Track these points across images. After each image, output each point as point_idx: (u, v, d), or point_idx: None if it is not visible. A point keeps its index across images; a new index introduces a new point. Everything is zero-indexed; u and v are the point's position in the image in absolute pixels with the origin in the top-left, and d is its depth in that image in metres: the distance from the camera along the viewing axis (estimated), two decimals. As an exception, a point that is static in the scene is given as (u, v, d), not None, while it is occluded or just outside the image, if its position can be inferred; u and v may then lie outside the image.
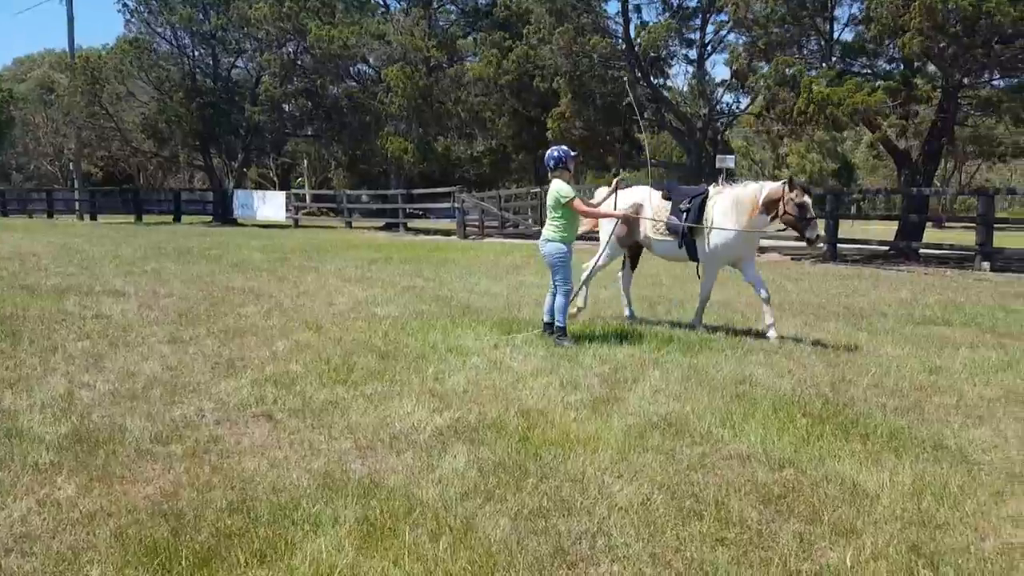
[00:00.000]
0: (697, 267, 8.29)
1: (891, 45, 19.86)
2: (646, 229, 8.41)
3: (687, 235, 8.06)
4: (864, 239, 21.01)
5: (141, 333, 7.48)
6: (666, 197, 8.32)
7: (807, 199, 7.63)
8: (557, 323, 7.39)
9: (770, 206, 7.70)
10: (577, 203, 7.32)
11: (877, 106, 17.57)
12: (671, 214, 8.15)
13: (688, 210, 8.03)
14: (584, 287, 8.57)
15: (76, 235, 22.55)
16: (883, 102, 17.59)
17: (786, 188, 7.62)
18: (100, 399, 5.27)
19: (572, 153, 7.56)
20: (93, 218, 37.01)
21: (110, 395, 5.37)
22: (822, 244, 16.84)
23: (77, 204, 39.22)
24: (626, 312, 8.85)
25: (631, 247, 8.80)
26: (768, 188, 7.79)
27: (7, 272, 11.96)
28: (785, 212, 7.59)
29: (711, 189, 8.19)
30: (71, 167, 47.14)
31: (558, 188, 7.29)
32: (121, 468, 4.09)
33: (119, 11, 33.61)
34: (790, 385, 5.92)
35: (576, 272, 7.94)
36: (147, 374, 5.93)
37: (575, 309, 8.33)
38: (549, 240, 7.45)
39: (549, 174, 7.50)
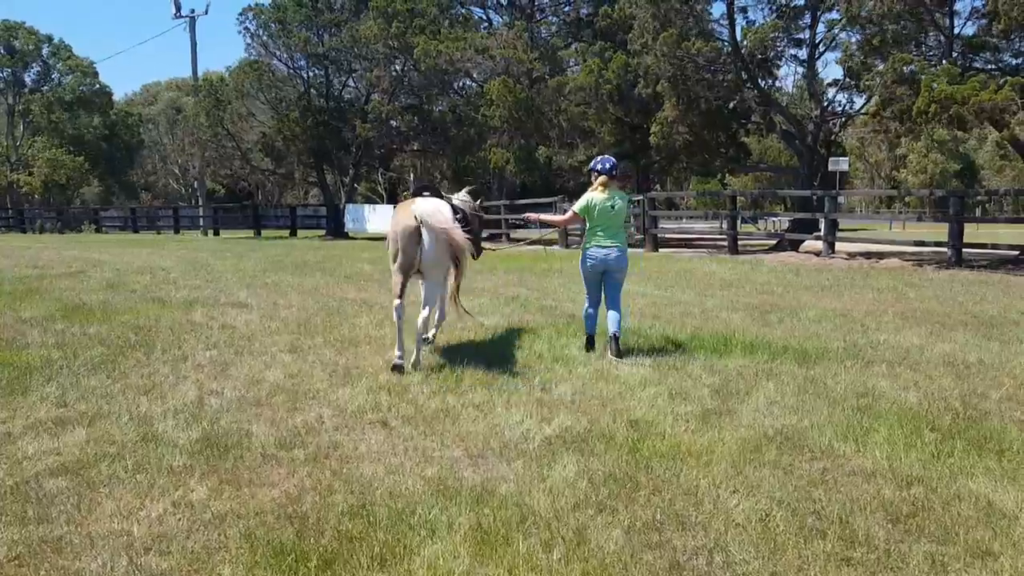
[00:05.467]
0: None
1: (1018, 39, 18.76)
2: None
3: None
4: (991, 243, 19.83)
5: (264, 343, 7.82)
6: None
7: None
8: (619, 331, 7.08)
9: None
10: None
11: (1004, 104, 16.57)
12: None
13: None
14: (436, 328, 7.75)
15: (201, 250, 23.74)
16: (1011, 99, 16.58)
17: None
18: (228, 405, 5.54)
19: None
20: (216, 233, 38.99)
21: (237, 401, 5.64)
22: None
23: (201, 220, 41.50)
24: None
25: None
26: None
27: (140, 285, 12.70)
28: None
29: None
30: (196, 185, 49.95)
31: (626, 196, 7.27)
32: (248, 472, 4.28)
33: (240, 32, 35.39)
34: (916, 398, 5.65)
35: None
36: (270, 381, 6.20)
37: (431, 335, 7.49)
38: (626, 251, 7.25)
39: (609, 179, 7.18)
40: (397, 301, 6.84)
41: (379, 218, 35.95)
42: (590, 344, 7.30)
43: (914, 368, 6.63)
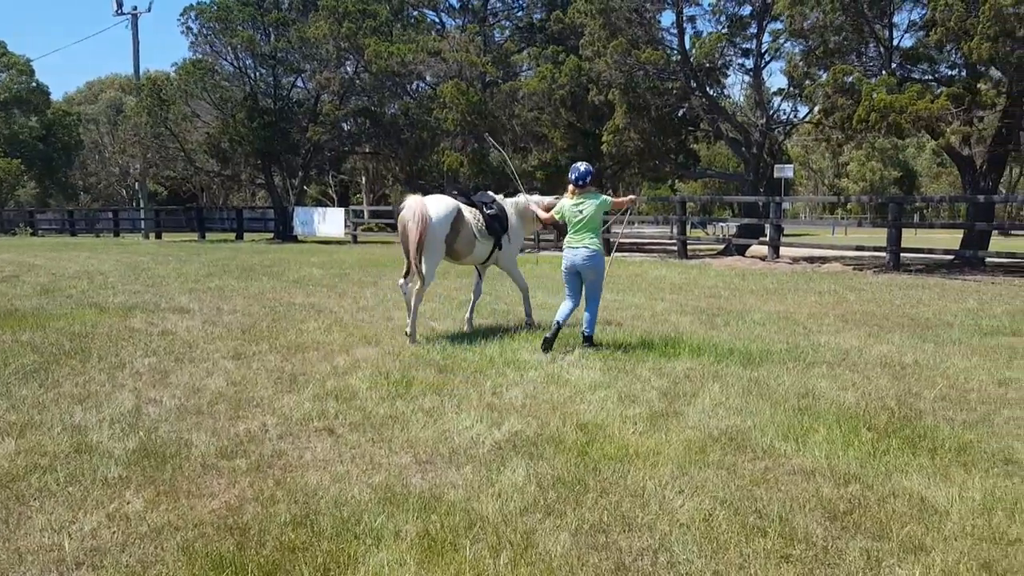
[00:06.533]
0: (479, 267, 9.03)
1: (953, 51, 19.42)
2: (471, 239, 8.37)
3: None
4: (928, 248, 20.47)
5: (206, 349, 7.66)
6: (470, 203, 8.52)
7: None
8: (589, 331, 7.64)
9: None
10: (615, 200, 7.99)
11: (940, 113, 17.13)
12: (483, 218, 8.47)
13: (496, 215, 8.52)
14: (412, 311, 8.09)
15: (142, 253, 23.21)
16: (946, 109, 17.15)
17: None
18: (167, 414, 5.41)
19: None
20: (158, 236, 38.12)
21: (176, 410, 5.51)
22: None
23: (143, 223, 40.46)
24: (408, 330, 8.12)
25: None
26: (545, 201, 8.85)
27: (76, 290, 12.37)
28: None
29: (497, 196, 8.90)
30: (137, 187, 48.75)
31: (603, 198, 7.66)
32: (187, 482, 4.19)
33: (182, 32, 34.60)
34: (854, 398, 5.79)
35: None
36: (212, 389, 6.07)
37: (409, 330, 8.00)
38: (597, 252, 7.61)
39: (579, 188, 7.69)
40: (400, 280, 8.37)
41: (329, 222, 35.53)
42: (549, 338, 7.46)
43: (853, 369, 6.80)
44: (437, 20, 36.72)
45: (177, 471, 4.34)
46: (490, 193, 8.95)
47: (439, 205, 8.07)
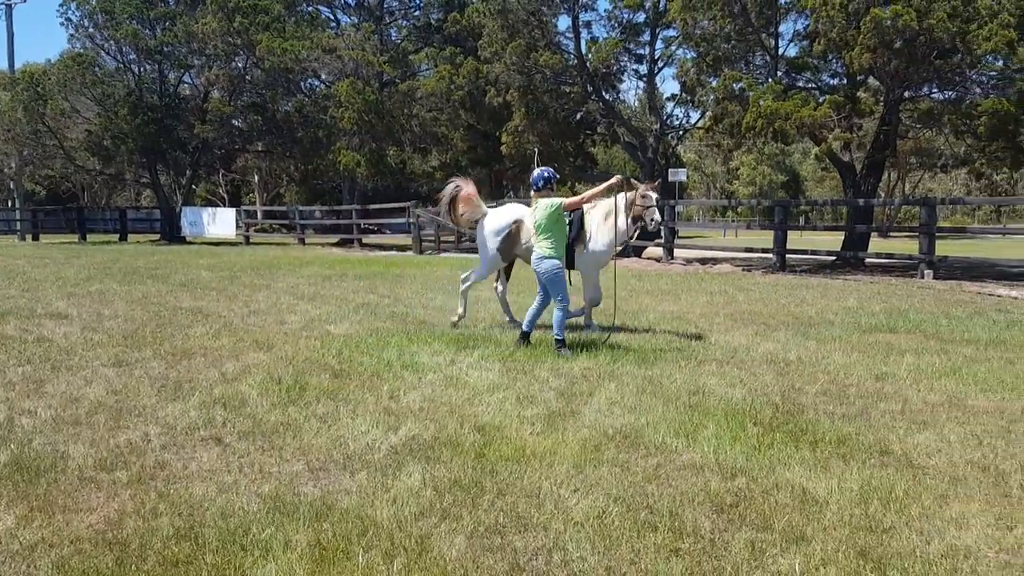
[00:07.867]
0: (569, 275, 8.82)
1: (835, 60, 20.46)
2: (530, 242, 8.68)
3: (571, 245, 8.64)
4: (812, 249, 21.46)
5: (84, 356, 7.29)
6: None
7: (650, 192, 8.57)
8: (556, 336, 7.61)
9: (630, 209, 8.55)
10: (569, 200, 7.95)
11: (823, 120, 18.02)
12: None
13: (570, 222, 8.53)
14: (463, 297, 9.11)
15: (17, 256, 21.94)
16: (828, 116, 18.05)
17: (626, 186, 8.56)
18: (41, 426, 5.10)
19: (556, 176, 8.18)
20: (35, 238, 36.08)
21: (52, 421, 5.21)
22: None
23: (18, 224, 38.23)
24: (507, 319, 9.28)
25: (509, 261, 9.19)
26: (622, 196, 8.59)
27: (-56, 295, 11.57)
28: (635, 205, 8.44)
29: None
30: (12, 186, 45.98)
31: (551, 202, 7.72)
32: (63, 497, 3.96)
33: (62, 24, 32.89)
34: (741, 394, 5.98)
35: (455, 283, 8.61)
36: (91, 399, 5.77)
37: (456, 317, 9.02)
38: (546, 257, 7.68)
39: (535, 193, 7.90)
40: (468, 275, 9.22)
41: (220, 222, 34.39)
42: (525, 332, 7.85)
43: (740, 366, 7.04)
44: (332, 17, 36.18)
45: (52, 485, 4.09)
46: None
47: (493, 220, 8.84)
